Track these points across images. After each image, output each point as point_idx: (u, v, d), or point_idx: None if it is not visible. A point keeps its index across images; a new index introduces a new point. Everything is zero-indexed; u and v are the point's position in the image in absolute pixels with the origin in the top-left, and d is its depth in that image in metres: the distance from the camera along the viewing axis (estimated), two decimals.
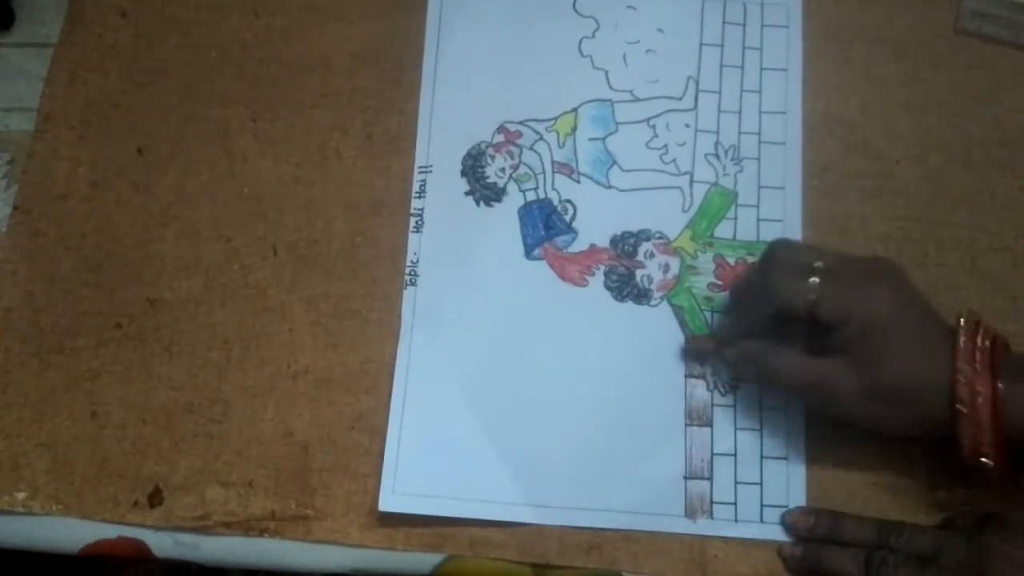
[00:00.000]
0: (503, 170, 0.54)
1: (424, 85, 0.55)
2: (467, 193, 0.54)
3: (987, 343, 0.42)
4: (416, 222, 0.53)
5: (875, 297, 0.43)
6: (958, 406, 0.41)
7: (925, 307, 0.45)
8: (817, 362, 0.45)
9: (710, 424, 0.50)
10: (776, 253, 0.46)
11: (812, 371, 0.45)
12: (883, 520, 0.46)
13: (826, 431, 0.49)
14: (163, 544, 0.49)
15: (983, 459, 0.42)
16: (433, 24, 0.56)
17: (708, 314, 0.52)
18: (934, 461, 0.48)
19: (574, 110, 0.55)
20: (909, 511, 0.48)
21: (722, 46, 0.56)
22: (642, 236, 0.53)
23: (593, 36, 0.56)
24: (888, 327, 0.43)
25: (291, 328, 0.52)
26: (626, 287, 0.52)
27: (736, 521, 0.48)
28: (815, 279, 0.43)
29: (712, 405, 0.50)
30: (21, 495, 0.49)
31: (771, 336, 0.46)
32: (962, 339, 0.42)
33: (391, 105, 0.55)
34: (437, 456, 0.49)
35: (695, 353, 0.51)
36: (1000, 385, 0.41)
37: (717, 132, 0.54)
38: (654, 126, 0.55)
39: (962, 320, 0.43)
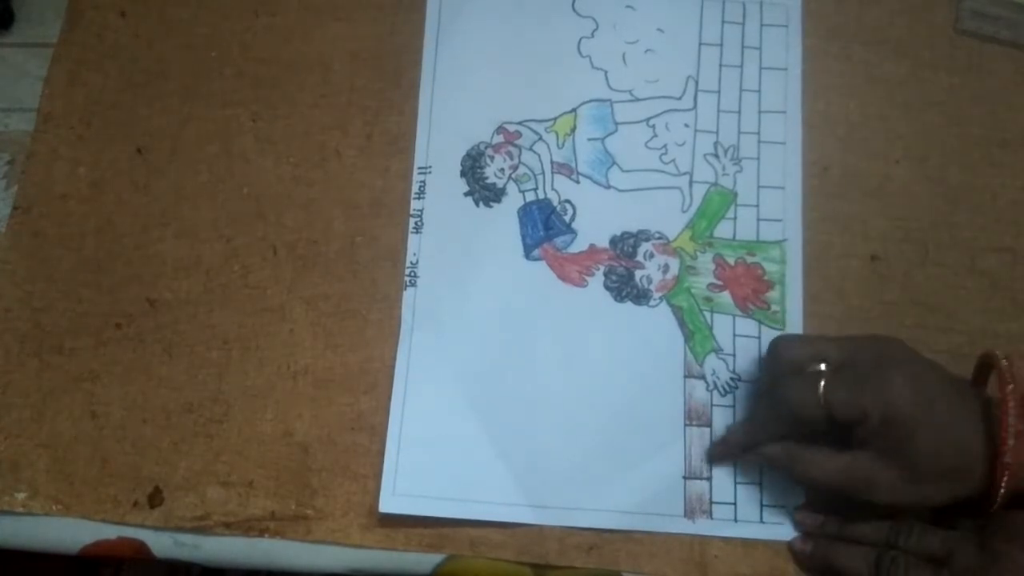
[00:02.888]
0: (502, 170, 0.54)
1: (423, 85, 0.55)
2: (466, 194, 0.54)
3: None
4: (416, 222, 0.53)
5: (888, 388, 0.42)
6: (1006, 460, 0.41)
7: (938, 379, 0.44)
8: (847, 458, 0.44)
9: (710, 424, 0.50)
10: (777, 358, 0.46)
11: (845, 469, 0.44)
12: (894, 519, 0.46)
13: None
14: (163, 544, 0.49)
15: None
16: (432, 24, 0.56)
17: (707, 314, 0.52)
18: None
19: (573, 110, 0.55)
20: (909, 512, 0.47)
21: (721, 46, 0.56)
22: (641, 236, 0.53)
23: (592, 36, 0.56)
24: (910, 413, 0.42)
25: (291, 328, 0.52)
26: (625, 287, 0.52)
27: (736, 521, 0.48)
28: (823, 383, 0.43)
29: (712, 405, 0.50)
30: (21, 495, 0.49)
31: (791, 433, 0.46)
32: (1011, 405, 0.41)
33: (391, 105, 0.55)
34: (437, 457, 0.49)
35: (721, 458, 0.49)
36: None
37: (716, 132, 0.54)
38: (653, 126, 0.55)
39: (1009, 386, 0.42)
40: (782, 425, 0.46)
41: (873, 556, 0.44)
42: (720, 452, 0.49)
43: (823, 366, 0.44)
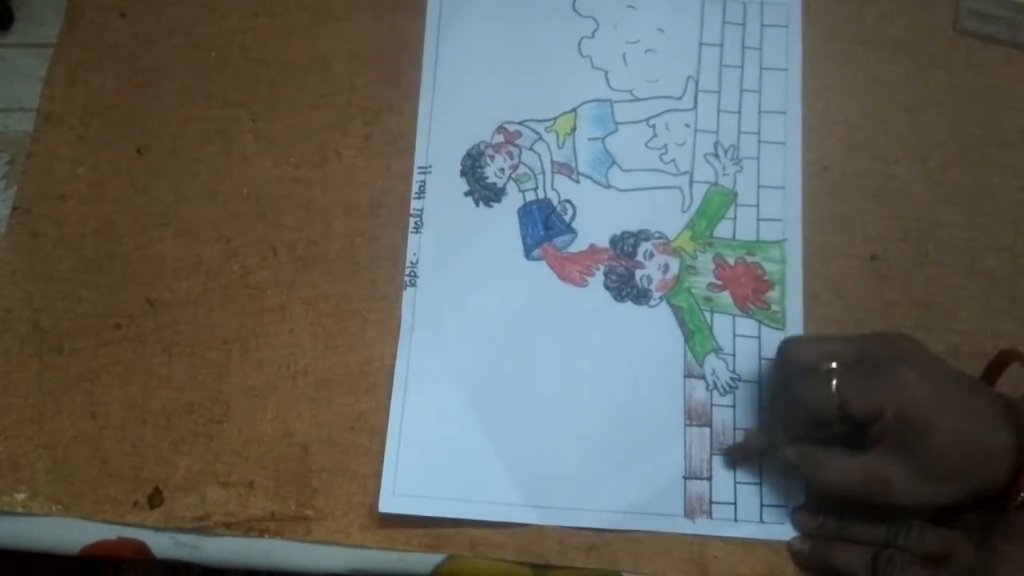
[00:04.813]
0: (502, 170, 0.54)
1: (423, 85, 0.55)
2: (467, 193, 0.54)
3: None
4: (416, 222, 0.53)
5: (903, 383, 0.42)
6: None
7: (953, 373, 0.44)
8: (863, 459, 0.43)
9: (710, 424, 0.50)
10: (788, 359, 0.46)
11: (860, 469, 0.43)
12: (893, 519, 0.45)
13: None
14: (163, 545, 0.49)
15: None
16: (432, 24, 0.56)
17: (707, 314, 0.52)
18: None
19: (573, 110, 0.55)
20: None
21: (722, 46, 0.56)
22: (641, 236, 0.53)
23: (593, 36, 0.56)
24: (925, 409, 0.42)
25: (291, 328, 0.52)
26: (625, 287, 0.52)
27: (736, 521, 0.48)
28: (836, 380, 0.43)
29: (712, 405, 0.50)
30: (21, 496, 0.49)
31: (808, 435, 0.45)
32: None
33: (391, 105, 0.55)
34: (437, 457, 0.49)
35: (733, 460, 0.49)
36: None
37: (717, 132, 0.54)
38: (654, 126, 0.55)
39: None
40: (797, 427, 0.46)
41: (870, 555, 0.44)
42: (738, 457, 0.49)
43: (834, 365, 0.44)
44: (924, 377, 0.42)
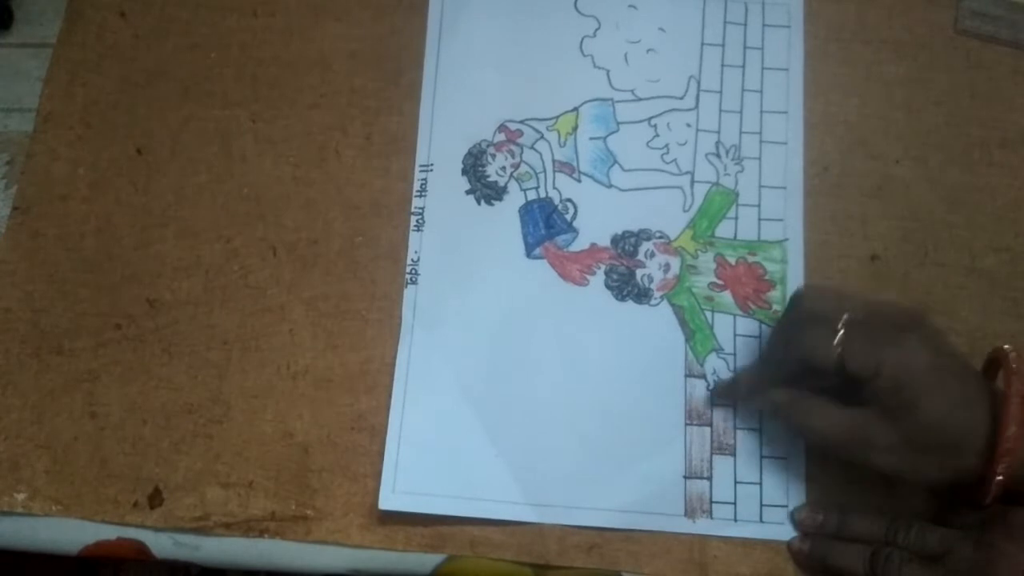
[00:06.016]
0: (504, 169, 0.54)
1: (425, 84, 0.55)
2: (468, 192, 0.54)
3: None
4: (417, 221, 0.53)
5: (905, 349, 0.42)
6: (1006, 446, 0.41)
7: (956, 355, 0.44)
8: (850, 413, 0.44)
9: (710, 423, 0.50)
10: (802, 303, 0.46)
11: (845, 423, 0.44)
12: (893, 517, 0.46)
13: None
14: (163, 545, 0.49)
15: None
16: (434, 23, 0.56)
17: (708, 314, 0.52)
18: None
19: (575, 109, 0.55)
20: (909, 511, 0.47)
21: (723, 45, 0.56)
22: (643, 235, 0.53)
23: (594, 35, 0.56)
24: (921, 379, 0.42)
25: (291, 328, 0.52)
26: (626, 286, 0.52)
27: (736, 521, 0.48)
28: (841, 332, 0.43)
29: (712, 405, 0.50)
30: (21, 496, 0.49)
31: (799, 384, 0.45)
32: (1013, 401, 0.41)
33: (391, 105, 0.55)
34: (437, 455, 0.49)
35: (722, 396, 0.50)
36: None
37: (718, 132, 0.54)
38: (655, 125, 0.55)
39: (1014, 377, 0.42)
40: (792, 371, 0.45)
41: (868, 553, 0.44)
42: (725, 392, 0.49)
43: (844, 318, 0.43)
44: (926, 349, 0.42)
